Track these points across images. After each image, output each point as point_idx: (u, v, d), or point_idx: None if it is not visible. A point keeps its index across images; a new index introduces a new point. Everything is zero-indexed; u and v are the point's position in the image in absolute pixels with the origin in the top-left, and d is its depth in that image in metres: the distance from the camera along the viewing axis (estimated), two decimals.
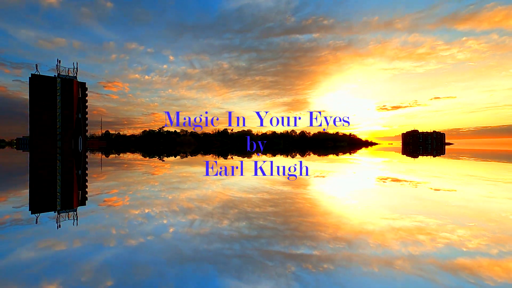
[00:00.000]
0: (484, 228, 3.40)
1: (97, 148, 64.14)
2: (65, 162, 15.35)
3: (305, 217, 3.89)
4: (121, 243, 2.83)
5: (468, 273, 2.22)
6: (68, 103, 77.25)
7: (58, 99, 75.96)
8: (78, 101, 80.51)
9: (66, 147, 68.61)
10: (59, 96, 76.00)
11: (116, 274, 2.18)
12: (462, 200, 5.07)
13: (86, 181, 7.57)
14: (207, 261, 2.41)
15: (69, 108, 77.41)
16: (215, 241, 2.91)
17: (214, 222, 3.62)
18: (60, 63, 77.47)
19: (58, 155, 23.98)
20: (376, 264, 2.38)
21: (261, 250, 2.69)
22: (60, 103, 76.19)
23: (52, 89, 75.36)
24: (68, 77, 77.68)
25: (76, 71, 79.63)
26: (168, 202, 4.89)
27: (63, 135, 76.71)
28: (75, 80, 78.92)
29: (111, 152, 31.33)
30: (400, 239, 3.01)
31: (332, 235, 3.11)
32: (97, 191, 6.01)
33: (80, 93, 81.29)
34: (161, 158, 18.62)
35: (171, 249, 2.69)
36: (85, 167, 12.40)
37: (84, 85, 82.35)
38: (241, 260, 2.44)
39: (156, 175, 9.05)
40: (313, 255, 2.55)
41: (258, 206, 4.59)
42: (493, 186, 6.69)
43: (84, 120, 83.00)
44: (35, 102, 73.55)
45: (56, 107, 75.80)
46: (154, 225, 3.50)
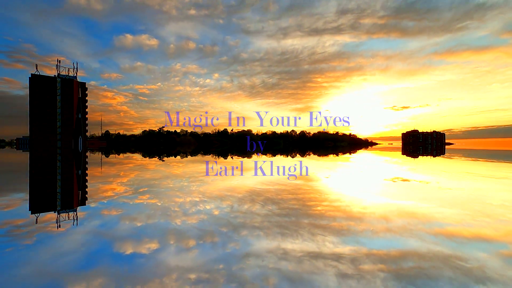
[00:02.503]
0: (466, 210, 4.40)
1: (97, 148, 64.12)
2: (65, 162, 15.34)
3: (320, 202, 4.95)
4: (185, 222, 3.21)
5: (447, 236, 3.20)
6: (68, 103, 77.19)
7: (58, 99, 75.89)
8: (78, 101, 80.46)
9: (66, 147, 68.60)
10: (59, 96, 75.93)
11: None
12: (451, 191, 5.78)
13: (86, 181, 7.57)
14: (257, 228, 3.40)
15: (69, 108, 77.35)
16: (255, 217, 3.89)
17: (249, 206, 4.59)
18: (60, 63, 77.46)
19: (58, 155, 23.97)
20: (379, 231, 3.34)
21: (292, 222, 3.69)
22: (60, 103, 76.13)
23: (52, 89, 75.27)
24: (68, 77, 77.56)
25: (76, 71, 79.56)
26: (204, 193, 5.66)
27: (63, 135, 76.67)
28: (75, 80, 78.81)
29: (111, 152, 31.31)
30: (398, 215, 4.03)
31: (346, 213, 4.12)
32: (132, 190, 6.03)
33: (80, 93, 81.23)
34: (161, 158, 18.61)
35: (223, 223, 3.62)
36: (85, 167, 12.39)
37: (84, 85, 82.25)
38: (279, 228, 3.38)
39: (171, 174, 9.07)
40: (332, 226, 3.52)
41: (278, 194, 5.62)
42: (482, 182, 6.95)
43: (84, 120, 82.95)
44: (35, 102, 73.49)
45: (56, 107, 75.74)
46: (199, 209, 3.98)
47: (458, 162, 15.33)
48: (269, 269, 2.28)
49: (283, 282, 2.07)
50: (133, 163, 14.41)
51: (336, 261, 2.43)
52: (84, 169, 11.17)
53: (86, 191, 6.04)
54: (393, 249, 2.72)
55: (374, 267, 2.33)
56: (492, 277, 2.17)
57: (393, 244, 2.87)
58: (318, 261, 2.43)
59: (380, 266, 2.35)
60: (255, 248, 2.73)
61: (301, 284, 2.04)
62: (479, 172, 10.12)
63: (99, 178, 8.39)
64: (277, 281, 2.08)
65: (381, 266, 2.36)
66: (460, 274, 2.21)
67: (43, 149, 48.92)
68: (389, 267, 2.33)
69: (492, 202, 4.95)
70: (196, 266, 2.34)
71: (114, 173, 9.75)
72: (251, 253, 2.62)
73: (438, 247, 2.78)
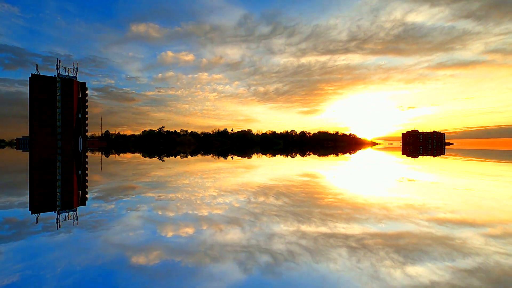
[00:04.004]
0: (456, 202, 4.83)
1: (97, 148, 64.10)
2: (65, 162, 15.32)
3: (327, 195, 5.54)
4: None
5: (438, 222, 3.70)
6: (68, 103, 77.11)
7: (58, 99, 75.82)
8: (78, 101, 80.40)
9: (66, 147, 68.58)
10: (59, 96, 75.85)
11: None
12: (446, 186, 6.16)
13: (86, 181, 7.55)
14: (275, 216, 3.93)
15: (69, 108, 77.27)
16: (271, 207, 4.44)
17: (264, 199, 5.12)
18: (60, 63, 77.39)
19: (58, 155, 23.95)
20: (381, 218, 3.87)
21: (305, 211, 4.23)
22: (60, 103, 76.05)
23: (52, 89, 75.21)
24: (68, 77, 77.48)
25: (76, 71, 79.45)
26: (220, 188, 5.98)
27: (63, 135, 76.61)
28: (75, 80, 78.74)
29: (111, 152, 31.30)
30: (397, 206, 4.57)
31: (351, 205, 4.68)
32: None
33: (80, 93, 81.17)
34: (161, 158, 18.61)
35: (245, 212, 4.16)
36: (85, 167, 12.38)
37: (84, 85, 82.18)
38: (294, 216, 3.92)
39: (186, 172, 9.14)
40: (340, 214, 4.07)
41: (288, 189, 6.22)
42: (475, 178, 7.37)
43: (84, 120, 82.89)
44: (35, 102, 73.44)
45: (56, 107, 75.67)
46: (218, 202, 4.48)
47: (455, 161, 15.59)
48: (292, 244, 2.79)
49: (305, 253, 2.57)
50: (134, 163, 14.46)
51: (345, 240, 2.92)
52: (84, 169, 11.16)
53: (86, 191, 6.03)
54: (393, 231, 3.24)
55: (377, 243, 2.83)
56: (473, 251, 2.66)
57: (392, 227, 3.39)
58: (331, 239, 2.93)
59: (382, 242, 2.85)
60: (277, 230, 3.25)
61: (320, 254, 2.54)
62: (472, 169, 10.54)
63: (99, 178, 8.43)
64: (300, 252, 2.59)
65: (383, 242, 2.86)
66: (447, 248, 2.71)
67: (43, 149, 48.90)
68: (389, 243, 2.83)
69: (482, 195, 5.47)
70: (232, 243, 2.83)
71: (115, 172, 9.83)
72: (275, 233, 3.13)
73: (430, 230, 3.29)
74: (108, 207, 4.43)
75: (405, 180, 7.68)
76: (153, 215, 3.95)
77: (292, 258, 2.45)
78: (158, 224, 3.53)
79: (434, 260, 2.43)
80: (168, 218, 3.81)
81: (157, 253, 2.57)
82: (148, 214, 4.00)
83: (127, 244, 2.82)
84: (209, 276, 2.15)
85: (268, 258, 2.47)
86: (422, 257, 2.48)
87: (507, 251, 2.65)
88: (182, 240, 2.91)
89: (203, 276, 2.14)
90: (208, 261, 2.40)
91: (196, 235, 3.08)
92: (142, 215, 3.94)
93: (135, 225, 3.49)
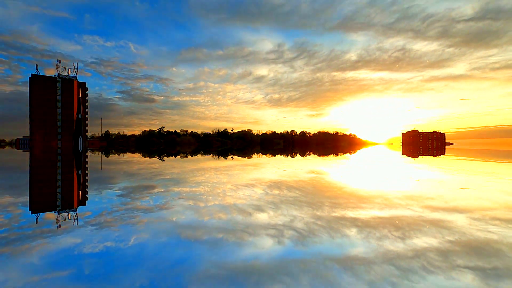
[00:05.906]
0: (448, 193, 5.31)
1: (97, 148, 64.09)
2: (65, 162, 15.31)
3: (333, 189, 6.13)
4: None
5: (431, 209, 4.27)
6: (68, 103, 77.08)
7: (58, 99, 75.81)
8: (78, 101, 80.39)
9: (66, 147, 68.57)
10: (59, 96, 75.84)
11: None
12: (442, 181, 6.46)
13: (86, 181, 7.53)
14: (292, 204, 4.59)
15: (69, 108, 77.25)
16: (287, 198, 5.09)
17: (278, 192, 5.75)
18: (60, 63, 77.40)
19: (58, 155, 23.94)
20: (382, 207, 4.46)
21: (316, 201, 4.84)
22: (60, 103, 76.04)
23: (52, 89, 75.20)
24: (68, 77, 77.46)
25: (76, 71, 79.49)
26: (235, 183, 6.37)
27: (63, 135, 76.62)
28: (75, 80, 78.73)
29: (111, 152, 31.28)
30: (395, 197, 5.18)
31: (355, 197, 5.25)
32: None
33: (80, 93, 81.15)
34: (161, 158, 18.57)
35: (265, 202, 4.81)
36: (85, 167, 12.36)
37: (84, 85, 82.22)
38: (308, 205, 4.56)
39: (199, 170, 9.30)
40: (347, 203, 4.68)
41: (297, 184, 6.87)
42: (470, 175, 7.89)
43: (84, 120, 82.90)
44: (35, 102, 73.43)
45: (56, 107, 75.66)
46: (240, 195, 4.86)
47: (452, 160, 15.57)
48: (311, 224, 3.45)
49: (323, 230, 3.23)
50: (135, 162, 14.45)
51: (354, 221, 3.58)
52: (84, 169, 11.14)
53: (86, 191, 6.01)
54: (393, 215, 3.90)
55: (380, 223, 3.51)
56: (459, 230, 3.29)
57: (392, 213, 4.03)
58: (342, 221, 3.58)
59: (384, 222, 3.53)
60: (296, 214, 3.91)
61: (335, 231, 3.19)
62: (467, 167, 11.05)
63: (100, 177, 8.38)
64: (319, 229, 3.23)
65: (385, 222, 3.54)
66: (437, 227, 3.37)
67: (43, 149, 48.88)
68: (390, 223, 3.50)
69: (473, 187, 6.08)
70: (262, 224, 3.49)
71: (118, 172, 9.86)
72: (296, 216, 3.80)
73: (423, 214, 3.96)
74: (141, 200, 5.02)
75: (403, 176, 8.25)
76: (185, 206, 4.53)
77: (313, 234, 3.09)
78: (193, 211, 4.11)
79: (426, 235, 3.08)
80: (198, 208, 4.38)
81: (202, 231, 3.20)
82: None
83: (180, 223, 3.45)
84: (252, 245, 2.78)
85: (294, 233, 3.12)
86: (416, 234, 3.12)
87: (484, 229, 3.31)
88: (219, 224, 3.50)
89: (247, 246, 2.76)
90: (247, 237, 3.01)
91: (230, 218, 3.69)
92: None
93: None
